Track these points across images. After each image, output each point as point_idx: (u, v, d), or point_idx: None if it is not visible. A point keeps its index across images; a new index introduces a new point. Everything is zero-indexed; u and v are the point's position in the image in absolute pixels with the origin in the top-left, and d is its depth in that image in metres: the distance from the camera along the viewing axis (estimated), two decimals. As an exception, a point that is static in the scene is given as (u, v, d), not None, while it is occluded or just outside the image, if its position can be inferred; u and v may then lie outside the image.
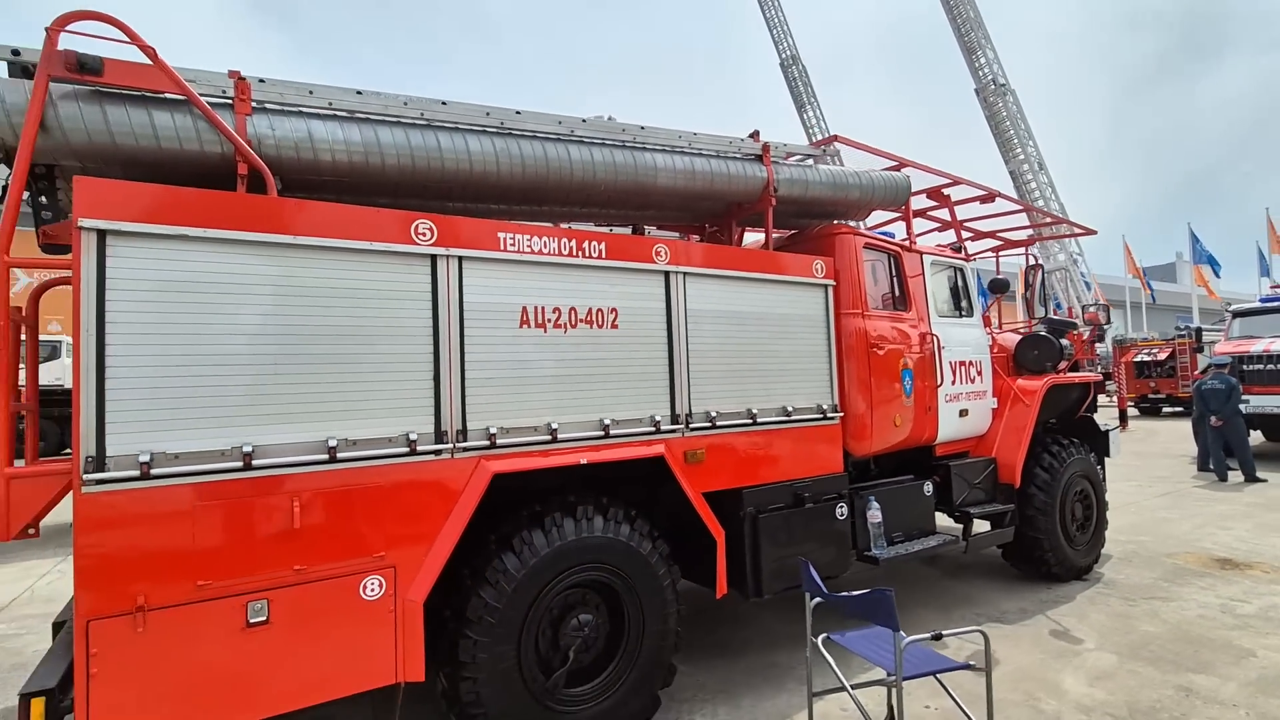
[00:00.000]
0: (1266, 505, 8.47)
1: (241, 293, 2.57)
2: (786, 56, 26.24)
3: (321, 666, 2.62)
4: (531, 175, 3.39)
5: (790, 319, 4.20)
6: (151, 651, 2.32)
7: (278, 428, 2.60)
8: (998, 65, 21.59)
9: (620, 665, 3.33)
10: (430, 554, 2.86)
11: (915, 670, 2.87)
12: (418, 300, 2.94)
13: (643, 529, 3.46)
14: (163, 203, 2.45)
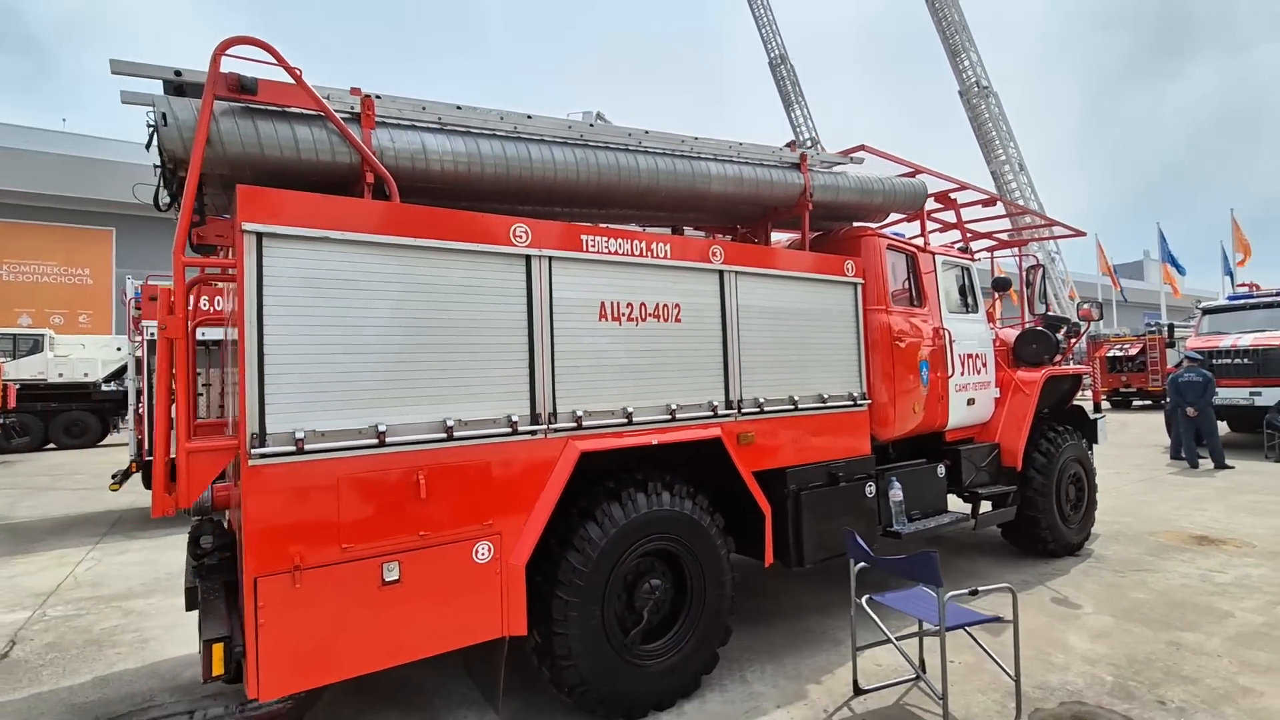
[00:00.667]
0: (1235, 489, 9.12)
1: (373, 289, 2.88)
2: (775, 55, 26.69)
3: (442, 621, 2.95)
4: (605, 182, 3.73)
5: (825, 314, 4.60)
6: (306, 605, 2.64)
7: (405, 409, 2.92)
8: (981, 68, 22.25)
9: (685, 625, 3.70)
10: (529, 523, 3.20)
11: (954, 622, 3.28)
12: (515, 296, 3.27)
13: (702, 504, 3.84)
14: (309, 208, 2.75)
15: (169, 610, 5.49)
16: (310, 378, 2.72)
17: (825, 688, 3.81)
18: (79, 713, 3.81)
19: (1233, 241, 32.71)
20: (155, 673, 4.31)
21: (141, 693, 4.03)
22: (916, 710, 3.53)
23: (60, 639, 4.93)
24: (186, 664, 4.42)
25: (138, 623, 5.22)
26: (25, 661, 4.54)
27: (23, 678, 4.29)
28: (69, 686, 4.14)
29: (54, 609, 5.61)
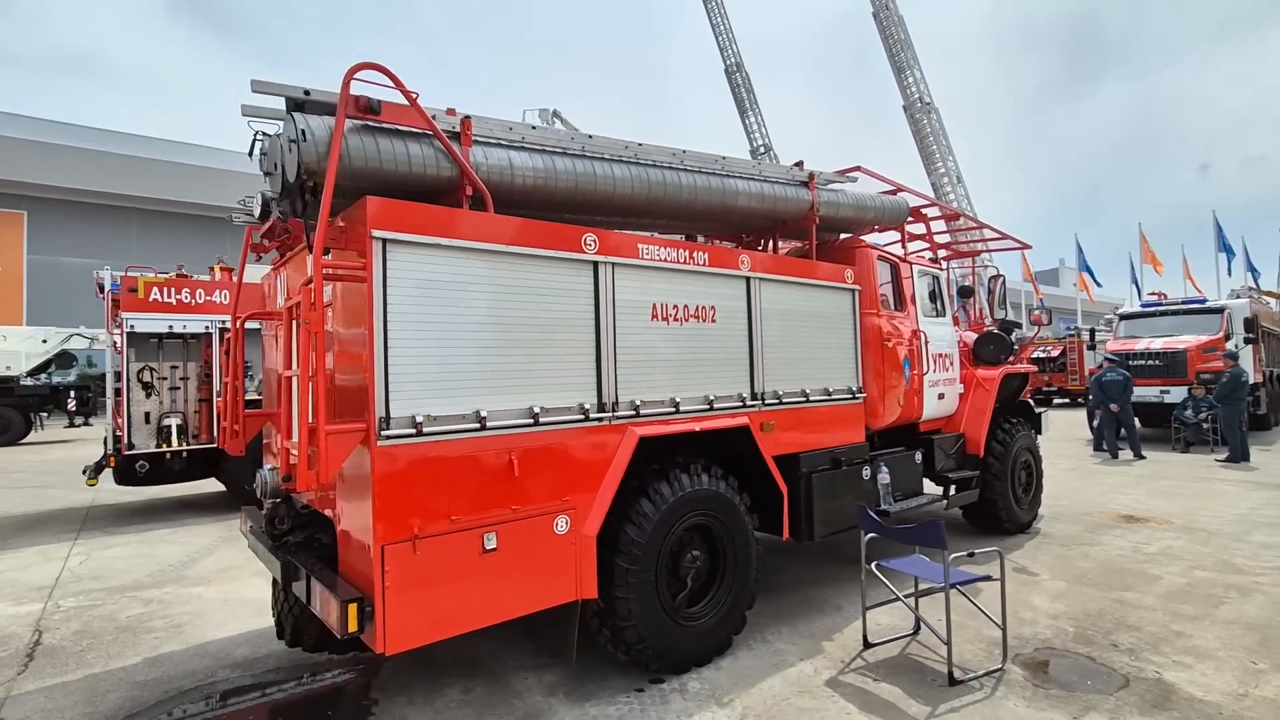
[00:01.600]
0: (1150, 476, 10.31)
1: (472, 290, 3.23)
2: (731, 63, 27.51)
3: (530, 585, 3.33)
4: (654, 195, 4.15)
5: (828, 316, 5.16)
6: (423, 569, 2.98)
7: (499, 397, 3.28)
8: (924, 85, 23.63)
9: (720, 591, 4.18)
10: (597, 499, 3.61)
11: (954, 581, 3.88)
12: (585, 297, 3.67)
13: (733, 484, 4.32)
14: (424, 217, 3.08)
15: (190, 599, 5.60)
16: (424, 368, 3.05)
17: (837, 644, 4.36)
18: (144, 688, 3.97)
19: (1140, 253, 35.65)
20: (205, 652, 4.48)
21: (200, 670, 4.21)
22: (918, 659, 4.12)
23: (88, 627, 4.99)
24: (237, 643, 4.61)
25: (163, 610, 5.32)
26: (63, 648, 4.61)
27: (68, 661, 4.39)
28: (122, 667, 4.28)
29: (65, 601, 5.62)
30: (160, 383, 9.26)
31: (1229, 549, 6.32)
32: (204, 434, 9.30)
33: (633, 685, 3.81)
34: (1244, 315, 15.19)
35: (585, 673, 3.96)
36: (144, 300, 8.84)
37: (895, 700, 3.61)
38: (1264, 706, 3.47)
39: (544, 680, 3.92)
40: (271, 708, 3.75)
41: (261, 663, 4.29)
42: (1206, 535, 6.82)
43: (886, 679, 3.85)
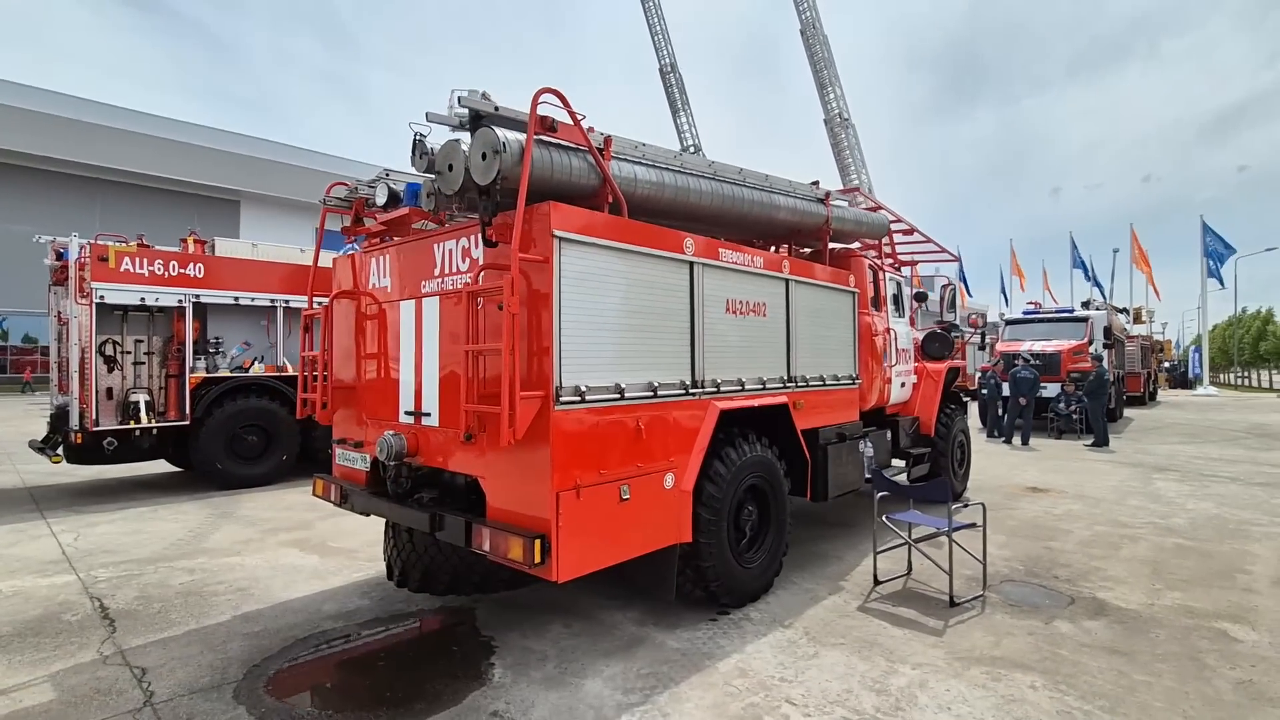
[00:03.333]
0: (1040, 458, 12.25)
1: (611, 282, 3.84)
2: (665, 64, 28.39)
3: (648, 529, 4.00)
4: (725, 207, 4.88)
5: (836, 314, 6.11)
6: (582, 512, 3.58)
7: (629, 373, 3.92)
8: (844, 102, 25.59)
9: (767, 540, 5.00)
10: (691, 460, 4.32)
11: (952, 527, 4.92)
12: (683, 292, 4.36)
13: (774, 452, 5.16)
14: (584, 219, 3.67)
15: (233, 568, 5.76)
16: (581, 346, 3.64)
17: (852, 583, 5.33)
18: (260, 638, 4.27)
19: (1010, 266, 40.14)
20: (291, 609, 4.78)
21: (300, 622, 4.53)
22: (918, 591, 5.15)
23: (145, 593, 5.10)
24: (319, 600, 4.94)
25: (213, 578, 5.47)
26: (136, 611, 4.74)
27: (154, 621, 4.55)
28: (218, 624, 4.52)
29: (96, 572, 5.61)
30: (124, 357, 8.91)
31: (1114, 510, 7.92)
32: (172, 411, 9.04)
33: (706, 616, 4.57)
34: (1103, 325, 17.94)
35: (660, 611, 4.67)
36: (115, 270, 8.49)
37: (914, 618, 4.59)
38: (1166, 610, 4.74)
39: (628, 616, 4.60)
40: (402, 638, 4.20)
41: (355, 615, 4.67)
42: (1095, 501, 8.45)
43: (901, 605, 4.84)
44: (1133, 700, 3.49)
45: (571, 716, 3.32)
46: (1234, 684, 3.68)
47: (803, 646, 4.13)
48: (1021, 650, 4.08)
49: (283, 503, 8.47)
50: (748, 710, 3.38)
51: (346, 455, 4.99)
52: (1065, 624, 4.50)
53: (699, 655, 4.00)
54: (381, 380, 4.71)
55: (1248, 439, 15.53)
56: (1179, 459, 12.18)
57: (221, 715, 3.34)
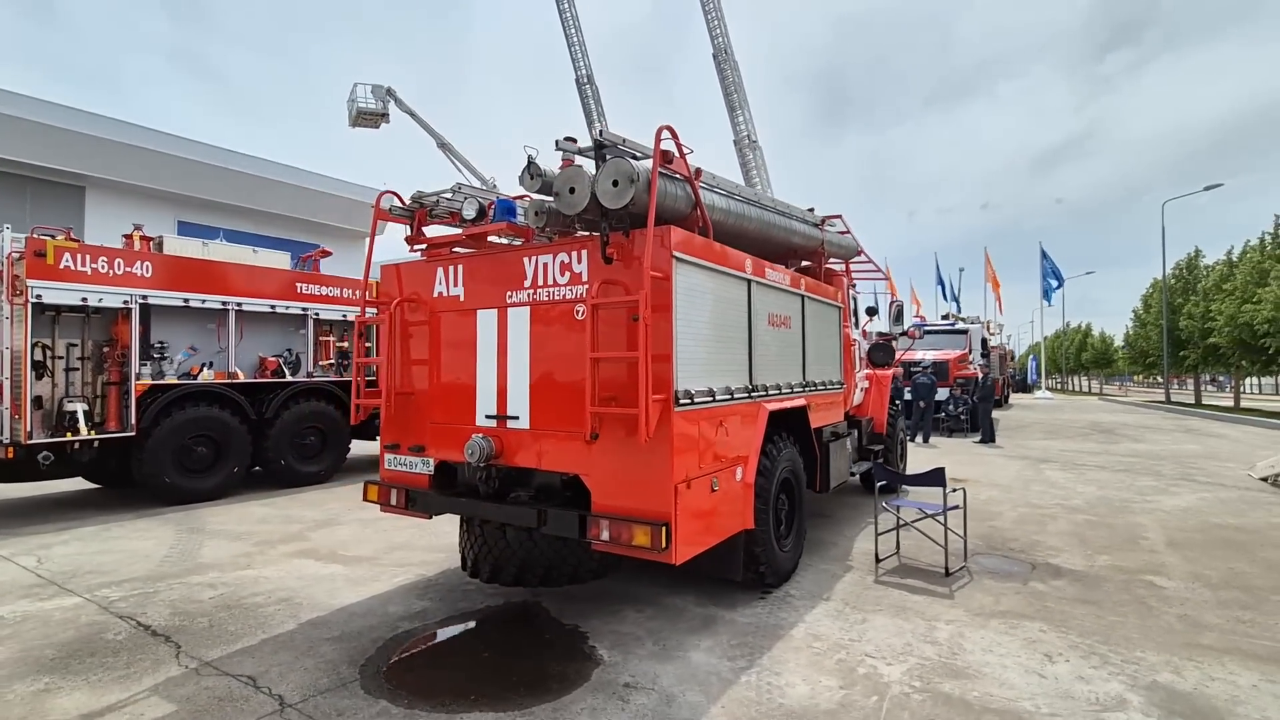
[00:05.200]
0: (945, 453, 13.91)
1: (703, 297, 4.32)
2: (582, 74, 28.83)
3: (728, 517, 4.50)
4: (763, 231, 5.48)
5: (830, 325, 6.91)
6: (691, 502, 4.02)
7: (714, 378, 4.41)
8: (752, 125, 27.25)
9: (795, 527, 5.65)
10: (750, 456, 4.87)
11: (942, 509, 5.80)
12: (743, 306, 4.91)
13: (797, 448, 5.82)
14: (690, 242, 4.12)
15: (259, 580, 5.60)
16: (687, 354, 4.10)
17: (858, 562, 6.09)
18: (346, 639, 4.30)
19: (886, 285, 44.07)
20: (354, 614, 4.80)
21: (375, 624, 4.59)
22: (912, 566, 5.99)
23: (182, 610, 4.90)
24: (382, 603, 4.98)
25: (245, 590, 5.32)
26: (187, 627, 4.58)
27: (218, 635, 4.44)
28: (288, 632, 4.48)
29: (102, 592, 5.26)
30: (55, 363, 8.13)
31: (1025, 495, 9.35)
32: (112, 421, 8.34)
33: (755, 596, 5.13)
34: (980, 336, 20.48)
35: (712, 593, 5.17)
36: (54, 267, 7.75)
37: (924, 587, 5.40)
38: (1104, 569, 5.88)
39: (687, 599, 5.06)
40: (491, 631, 4.40)
41: (425, 615, 4.78)
42: (1007, 488, 9.90)
43: (907, 578, 5.65)
44: (1116, 634, 4.44)
45: (697, 681, 3.75)
46: (1177, 618, 4.75)
47: (850, 614, 4.79)
48: (1019, 605, 4.98)
49: (252, 516, 8.07)
50: (840, 665, 3.97)
51: (403, 460, 5.08)
52: (1039, 584, 5.49)
53: (770, 626, 4.55)
54: (451, 385, 4.87)
55: (1094, 434, 18.36)
56: (1052, 452, 14.29)
57: (366, 710, 3.46)
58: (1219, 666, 3.96)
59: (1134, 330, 38.84)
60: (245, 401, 9.39)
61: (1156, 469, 11.91)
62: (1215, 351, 27.77)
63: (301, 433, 10.13)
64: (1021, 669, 3.91)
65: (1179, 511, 8.30)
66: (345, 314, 10.80)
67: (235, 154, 30.25)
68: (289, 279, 10.16)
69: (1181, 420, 23.46)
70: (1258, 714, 3.41)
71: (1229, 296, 26.01)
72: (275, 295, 9.90)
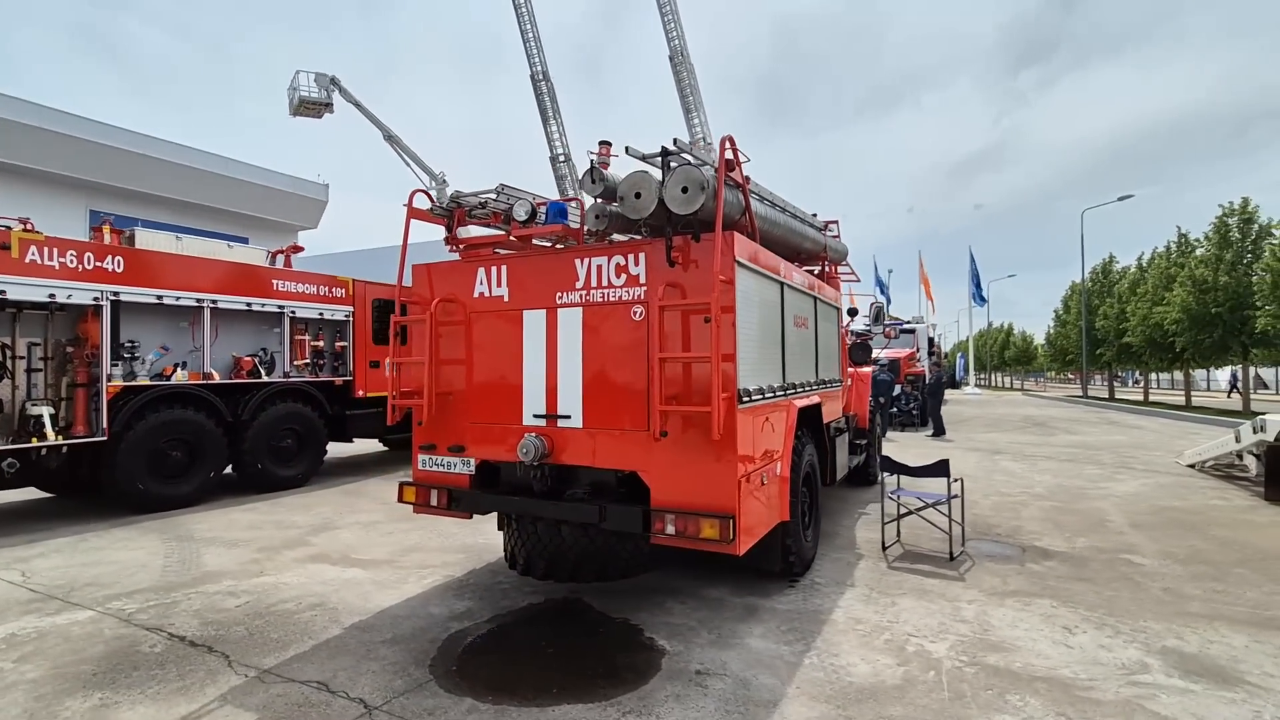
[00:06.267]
0: (904, 446, 14.64)
1: (752, 300, 4.52)
2: (537, 71, 28.60)
3: (773, 509, 4.71)
4: (784, 235, 5.72)
5: (834, 326, 7.25)
6: (748, 495, 4.21)
7: (760, 377, 4.61)
8: (707, 126, 27.70)
9: (814, 519, 5.93)
10: (784, 451, 5.10)
11: (946, 498, 6.21)
12: (777, 308, 5.13)
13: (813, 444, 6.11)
14: (747, 247, 4.30)
15: (279, 587, 5.46)
16: (744, 354, 4.28)
17: (866, 551, 6.43)
18: (400, 643, 4.27)
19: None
20: (397, 617, 4.76)
21: (426, 626, 4.57)
22: (916, 552, 6.37)
23: (210, 620, 4.73)
24: (423, 603, 4.96)
25: (270, 597, 5.18)
26: (224, 637, 4.44)
27: (261, 643, 4.33)
28: (337, 637, 4.41)
29: (115, 605, 5.02)
30: (15, 363, 7.60)
31: (991, 484, 10.00)
32: (80, 425, 7.86)
33: (785, 585, 5.37)
34: (927, 336, 21.56)
35: (744, 584, 5.38)
36: (19, 261, 7.24)
37: (935, 571, 5.77)
38: (1086, 549, 6.42)
39: (723, 591, 5.24)
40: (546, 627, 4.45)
41: (471, 614, 4.78)
42: (973, 478, 10.54)
43: (916, 563, 6.02)
44: (1116, 607, 4.90)
45: (763, 665, 3.94)
46: (1162, 590, 5.27)
47: (879, 599, 5.09)
48: (1025, 585, 5.40)
49: (239, 522, 7.77)
50: (889, 644, 4.24)
51: (441, 460, 5.06)
52: (1034, 565, 5.96)
53: (810, 612, 4.79)
54: (494, 386, 4.89)
55: (1031, 427, 19.65)
56: (1001, 444, 15.26)
57: (455, 708, 3.48)
58: (1212, 631, 4.45)
59: (1055, 330, 41.61)
60: (221, 403, 9.00)
61: (1097, 458, 12.92)
62: (1129, 350, 30.12)
63: (278, 435, 9.77)
64: (1049, 641, 4.29)
65: (1129, 496, 9.09)
66: (322, 312, 10.47)
67: (155, 140, 28.54)
68: (265, 276, 9.77)
69: (1102, 414, 25.35)
70: (1258, 670, 3.88)
71: (1141, 300, 28.28)
72: (251, 292, 9.51)
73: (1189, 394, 30.89)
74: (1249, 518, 7.83)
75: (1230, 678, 3.78)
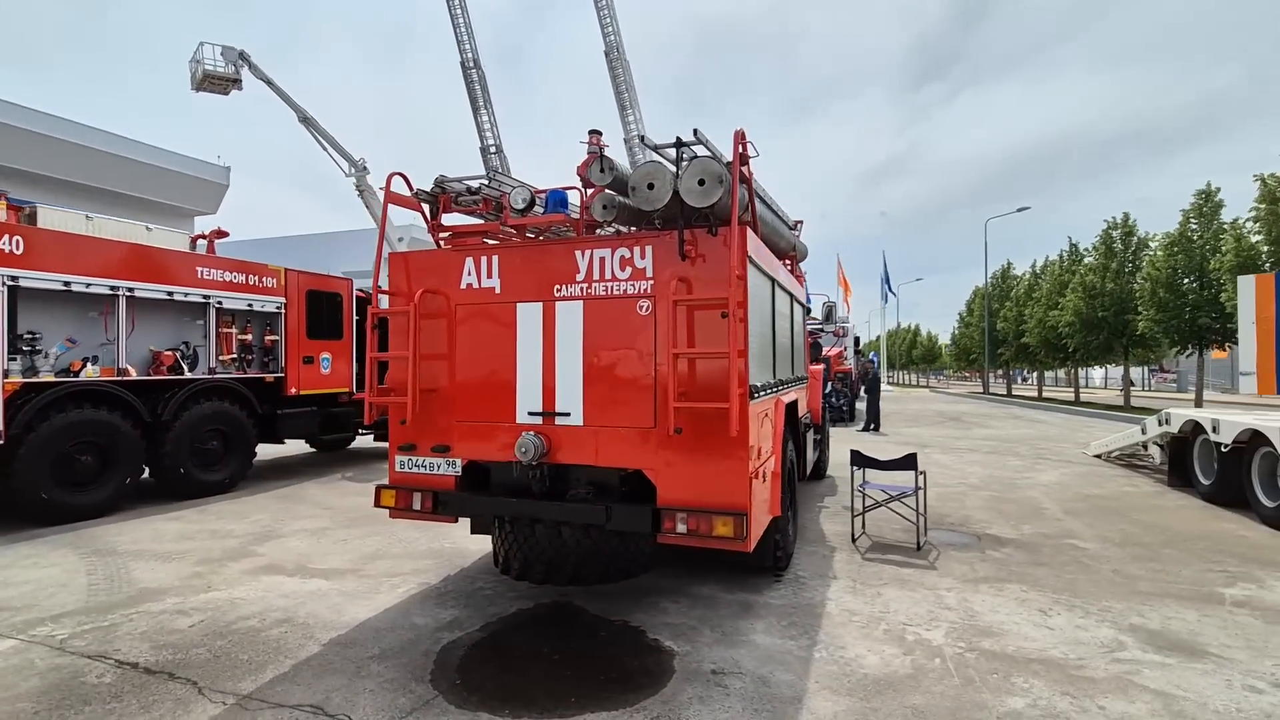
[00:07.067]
0: (840, 441, 15.13)
1: (756, 295, 4.51)
2: (468, 58, 27.66)
3: (770, 504, 4.72)
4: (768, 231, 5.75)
5: (800, 323, 7.38)
6: (757, 493, 4.20)
7: (762, 373, 4.61)
8: (642, 124, 27.70)
9: (795, 514, 6.01)
10: (777, 446, 5.14)
11: (910, 490, 6.45)
12: (769, 303, 5.15)
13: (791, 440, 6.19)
14: (753, 242, 4.27)
15: (237, 603, 5.00)
16: (752, 351, 4.26)
17: (840, 543, 6.58)
18: (389, 658, 3.99)
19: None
20: (379, 630, 4.45)
21: (414, 639, 4.28)
22: (884, 543, 6.59)
23: (162, 642, 4.26)
24: (403, 614, 4.65)
25: (228, 613, 4.73)
26: (185, 660, 4.01)
27: (231, 666, 3.93)
28: (314, 655, 4.06)
29: (39, 631, 4.42)
30: (-112, 357, 6.60)
31: (931, 477, 10.48)
32: (-30, 428, 6.91)
33: (770, 580, 5.41)
34: (854, 335, 22.48)
35: (731, 579, 5.38)
36: (-104, 239, 6.27)
37: (907, 561, 5.98)
38: (1033, 536, 6.84)
39: (713, 588, 5.21)
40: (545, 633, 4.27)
41: (459, 624, 4.53)
42: (912, 470, 11.04)
43: (885, 553, 6.22)
44: (1078, 589, 5.23)
45: (776, 661, 3.93)
46: (1112, 572, 5.68)
47: (864, 590, 5.21)
48: (992, 571, 5.68)
49: (166, 532, 7.06)
50: (888, 634, 4.34)
51: (423, 461, 4.77)
52: (994, 552, 6.29)
53: (805, 606, 4.84)
54: (484, 382, 4.66)
55: (947, 422, 20.88)
56: (926, 438, 16.10)
57: (470, 724, 3.27)
58: (1166, 608, 4.82)
59: (960, 330, 44.46)
60: (138, 402, 8.15)
61: (1014, 450, 13.86)
62: (1026, 349, 32.56)
63: (203, 437, 8.96)
64: (1031, 624, 4.52)
65: (1054, 485, 9.79)
66: (251, 303, 9.68)
67: (23, 109, 25.80)
68: (189, 262, 8.93)
69: (1006, 409, 27.29)
70: (1215, 642, 4.23)
71: (1038, 304, 30.62)
72: (172, 280, 8.66)
73: (1077, 391, 33.78)
74: (1159, 502, 8.60)
75: (1196, 650, 4.10)
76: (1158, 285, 21.13)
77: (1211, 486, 8.37)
